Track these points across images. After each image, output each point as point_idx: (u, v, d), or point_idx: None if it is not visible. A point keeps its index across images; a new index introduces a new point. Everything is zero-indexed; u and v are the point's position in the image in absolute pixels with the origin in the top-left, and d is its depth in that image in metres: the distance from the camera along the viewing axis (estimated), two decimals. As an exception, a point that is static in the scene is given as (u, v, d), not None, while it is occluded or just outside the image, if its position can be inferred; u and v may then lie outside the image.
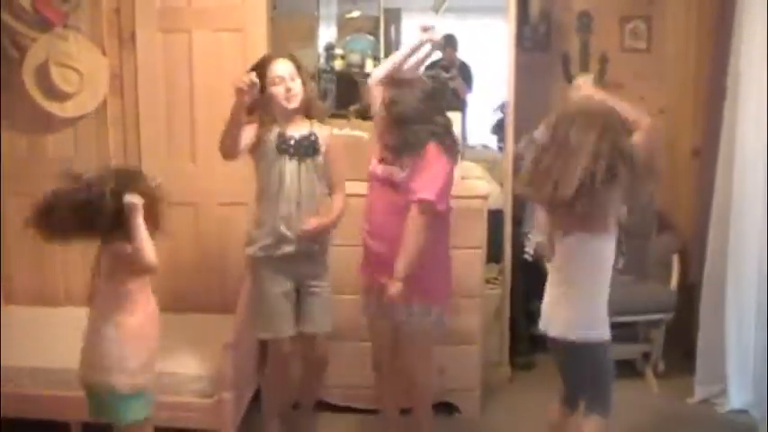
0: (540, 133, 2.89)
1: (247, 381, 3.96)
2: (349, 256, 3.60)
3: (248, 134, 3.34)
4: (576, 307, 2.98)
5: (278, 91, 3.34)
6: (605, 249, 2.96)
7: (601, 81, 4.93)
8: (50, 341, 3.89)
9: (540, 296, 3.30)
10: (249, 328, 3.74)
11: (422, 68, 3.63)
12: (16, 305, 4.44)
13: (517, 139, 4.23)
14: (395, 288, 3.15)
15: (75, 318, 3.45)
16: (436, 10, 5.16)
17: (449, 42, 5.09)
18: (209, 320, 4.05)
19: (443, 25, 5.08)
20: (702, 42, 4.77)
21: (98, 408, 2.98)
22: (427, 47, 3.44)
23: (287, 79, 3.34)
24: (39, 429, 3.73)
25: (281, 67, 3.36)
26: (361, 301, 3.51)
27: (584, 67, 4.93)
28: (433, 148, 3.23)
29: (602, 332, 2.99)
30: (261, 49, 4.14)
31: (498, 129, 4.75)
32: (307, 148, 3.39)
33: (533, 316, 4.45)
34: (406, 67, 3.40)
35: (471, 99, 5.11)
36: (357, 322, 3.68)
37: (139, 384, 2.92)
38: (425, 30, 3.37)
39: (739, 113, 3.99)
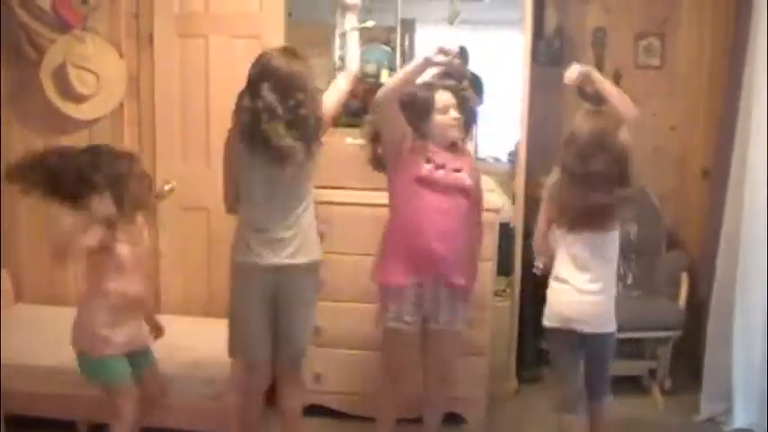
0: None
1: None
2: (349, 265, 3.62)
3: None
4: (610, 300, 3.25)
5: None
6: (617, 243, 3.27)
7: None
8: (60, 340, 3.90)
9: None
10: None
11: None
12: (26, 304, 4.47)
13: (530, 153, 4.28)
14: None
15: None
16: (451, 21, 5.18)
17: (461, 55, 5.11)
18: (218, 325, 4.05)
19: (457, 37, 5.13)
20: (716, 61, 4.79)
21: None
22: (433, 70, 3.34)
23: None
24: (44, 427, 3.75)
25: None
26: (393, 309, 3.35)
27: (598, 83, 4.95)
28: None
29: None
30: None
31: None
32: None
33: (542, 329, 4.48)
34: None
35: (483, 111, 5.13)
36: (356, 330, 3.73)
37: None
38: (444, 53, 3.15)
39: (751, 133, 4.00)
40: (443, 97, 3.35)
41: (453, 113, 3.33)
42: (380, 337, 3.52)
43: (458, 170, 3.32)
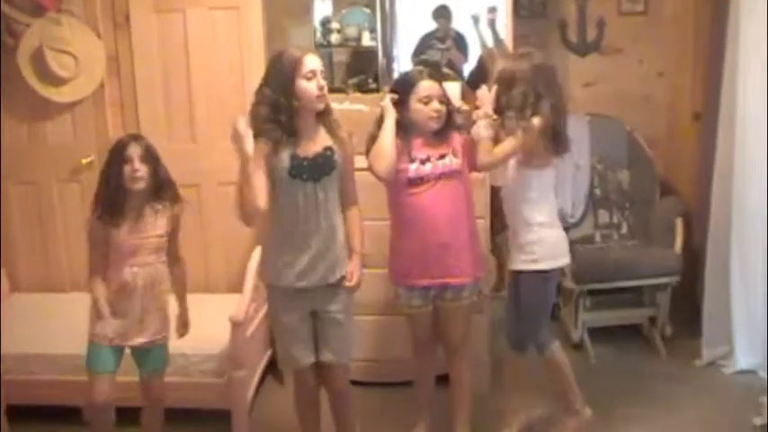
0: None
1: (257, 357, 4.00)
2: (376, 231, 3.58)
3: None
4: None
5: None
6: None
7: (598, 47, 4.93)
8: (57, 327, 3.90)
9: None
10: (256, 305, 3.77)
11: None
12: (22, 292, 4.46)
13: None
14: None
15: (81, 304, 3.45)
16: (431, -20, 5.12)
17: (443, 13, 5.06)
18: (214, 300, 4.06)
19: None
20: (700, 3, 4.73)
21: None
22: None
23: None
24: (48, 416, 3.75)
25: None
26: (404, 298, 3.41)
27: (582, 33, 4.91)
28: None
29: None
30: (256, 27, 4.13)
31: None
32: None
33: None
34: None
35: (468, 68, 5.09)
36: (380, 297, 3.73)
37: None
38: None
39: (739, 75, 3.97)
40: (427, 85, 3.25)
41: (435, 105, 3.23)
42: (390, 303, 3.63)
43: (443, 156, 3.28)
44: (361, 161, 3.27)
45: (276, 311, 3.16)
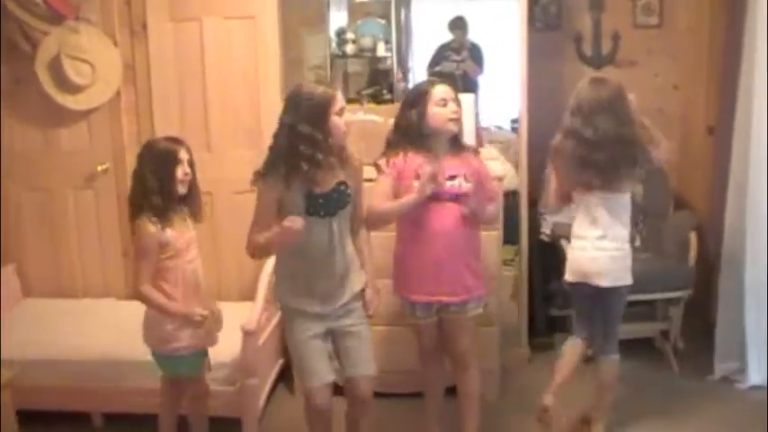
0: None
1: (269, 366, 4.00)
2: (384, 242, 3.59)
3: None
4: (626, 256, 3.44)
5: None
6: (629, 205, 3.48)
7: (613, 60, 4.93)
8: (69, 333, 3.92)
9: (558, 276, 3.38)
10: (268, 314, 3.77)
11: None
12: (34, 298, 4.48)
13: (532, 119, 4.24)
14: None
15: (93, 309, 3.47)
16: (446, -8, 5.14)
17: (459, 25, 5.09)
18: (227, 308, 4.04)
19: (454, 7, 5.10)
20: (715, 17, 4.72)
21: None
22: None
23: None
24: (59, 420, 3.77)
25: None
26: (407, 309, 3.42)
27: (597, 46, 4.91)
28: None
29: None
30: (271, 36, 4.15)
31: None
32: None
33: (551, 296, 4.49)
34: None
35: (484, 80, 5.10)
36: (387, 307, 3.72)
37: None
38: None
39: (755, 88, 3.95)
40: (442, 89, 3.26)
41: (453, 106, 3.24)
42: (397, 313, 3.58)
43: (452, 177, 3.26)
44: (369, 171, 3.28)
45: (291, 332, 3.14)
